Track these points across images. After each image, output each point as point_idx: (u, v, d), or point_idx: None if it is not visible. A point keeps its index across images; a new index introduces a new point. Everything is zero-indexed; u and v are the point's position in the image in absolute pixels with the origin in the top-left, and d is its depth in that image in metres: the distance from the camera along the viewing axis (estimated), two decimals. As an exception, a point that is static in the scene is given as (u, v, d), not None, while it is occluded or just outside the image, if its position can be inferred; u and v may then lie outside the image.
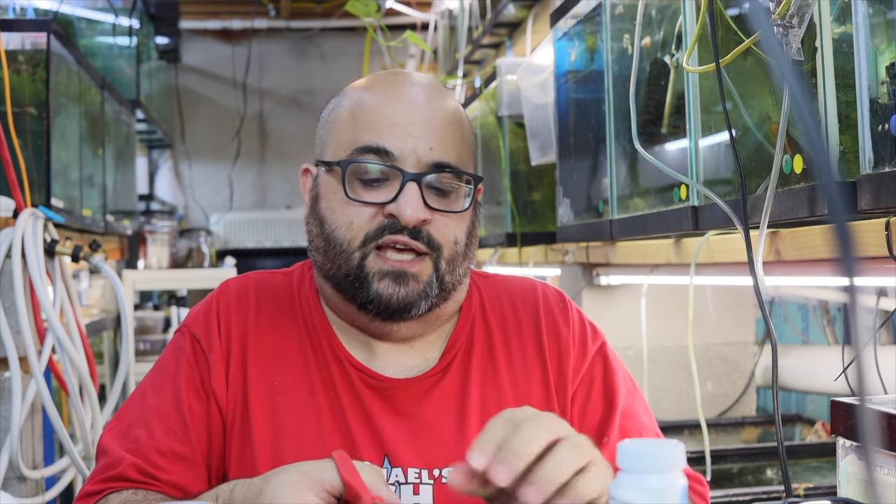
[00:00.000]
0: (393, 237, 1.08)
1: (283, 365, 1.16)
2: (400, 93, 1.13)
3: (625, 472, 0.72)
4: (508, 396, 1.17)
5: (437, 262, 1.10)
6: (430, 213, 1.09)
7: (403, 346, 1.18)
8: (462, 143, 1.14)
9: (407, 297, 1.09)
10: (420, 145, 1.09)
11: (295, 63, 6.21)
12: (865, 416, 0.51)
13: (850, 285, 0.46)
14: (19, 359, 1.94)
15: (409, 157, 1.09)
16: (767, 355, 2.38)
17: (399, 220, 1.07)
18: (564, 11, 2.01)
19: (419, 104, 1.12)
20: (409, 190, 1.08)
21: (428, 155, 1.09)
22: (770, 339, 1.17)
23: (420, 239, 1.09)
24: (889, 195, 0.93)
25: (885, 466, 1.01)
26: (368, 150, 1.09)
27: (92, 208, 2.87)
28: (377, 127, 1.10)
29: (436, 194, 1.10)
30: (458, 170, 1.11)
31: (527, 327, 1.21)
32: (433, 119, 1.11)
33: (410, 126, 1.10)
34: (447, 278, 1.12)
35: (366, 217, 1.09)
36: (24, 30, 2.25)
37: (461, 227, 1.13)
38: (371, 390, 1.14)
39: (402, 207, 1.07)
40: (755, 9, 0.54)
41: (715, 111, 1.33)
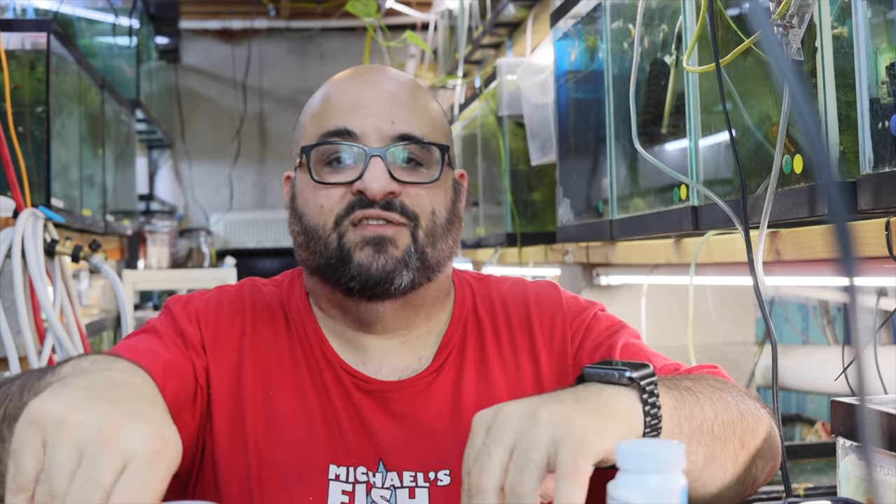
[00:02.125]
0: (363, 211, 1.08)
1: (277, 374, 1.15)
2: (362, 79, 1.15)
3: (625, 472, 0.72)
4: (502, 394, 1.16)
5: (415, 231, 1.10)
6: (400, 185, 1.09)
7: (395, 343, 1.17)
8: (427, 117, 1.14)
9: (387, 264, 1.08)
10: (381, 122, 1.10)
11: (295, 63, 6.21)
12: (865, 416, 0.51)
13: (850, 285, 0.46)
14: (19, 359, 1.94)
15: (371, 135, 1.09)
16: (767, 355, 2.38)
17: (367, 196, 1.07)
18: (564, 11, 2.01)
19: (382, 86, 1.13)
20: (373, 165, 1.08)
21: (390, 129, 1.10)
22: (770, 339, 1.17)
23: (393, 209, 1.08)
24: (889, 195, 0.93)
25: (885, 466, 1.01)
26: (332, 135, 1.10)
27: (92, 208, 2.87)
28: (339, 112, 1.11)
29: (404, 168, 1.11)
30: (422, 140, 1.11)
31: (517, 324, 1.21)
32: (394, 97, 1.12)
33: (371, 105, 1.11)
34: (428, 251, 1.11)
35: (335, 198, 1.09)
36: (24, 30, 2.25)
37: (438, 198, 1.12)
38: (364, 394, 1.13)
39: (367, 182, 1.07)
40: (755, 9, 0.54)
41: (715, 111, 1.33)
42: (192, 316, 1.16)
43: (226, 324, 1.17)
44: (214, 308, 1.18)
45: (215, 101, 6.14)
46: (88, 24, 3.81)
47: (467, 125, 3.23)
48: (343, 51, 6.19)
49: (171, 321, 1.16)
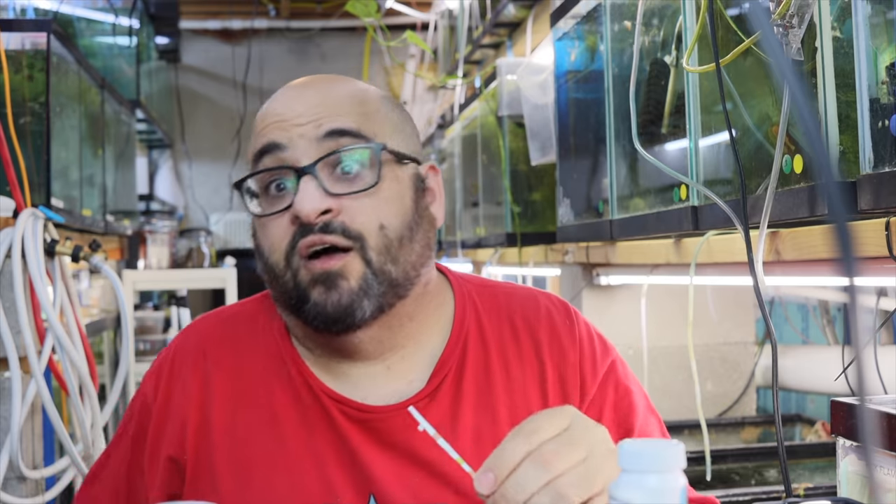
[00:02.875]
0: (304, 240, 0.98)
1: (249, 415, 1.07)
2: (284, 92, 1.06)
3: (625, 472, 0.72)
4: (505, 425, 1.06)
5: (365, 254, 0.99)
6: (336, 200, 0.98)
7: (379, 369, 1.07)
8: (364, 113, 1.03)
9: (342, 300, 0.98)
10: (307, 129, 1.00)
11: (295, 63, 6.21)
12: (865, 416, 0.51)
13: (850, 285, 0.46)
14: (19, 359, 1.94)
15: (298, 144, 1.00)
16: (767, 355, 2.38)
17: (302, 221, 0.98)
18: (564, 11, 2.01)
19: (307, 93, 1.04)
20: (303, 185, 0.98)
21: (316, 132, 1.00)
22: (770, 339, 1.17)
23: (333, 231, 0.98)
24: (889, 195, 0.93)
25: (885, 466, 1.01)
26: (261, 154, 1.02)
27: (92, 208, 2.87)
28: (264, 129, 1.03)
29: (342, 178, 1.00)
30: (357, 132, 1.01)
31: (528, 348, 1.11)
32: (320, 102, 1.02)
33: (297, 116, 1.01)
34: (389, 269, 1.00)
35: (281, 231, 1.00)
36: (24, 30, 2.25)
37: (385, 208, 1.00)
38: (353, 423, 1.04)
39: (297, 205, 0.97)
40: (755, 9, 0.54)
41: (715, 111, 1.33)
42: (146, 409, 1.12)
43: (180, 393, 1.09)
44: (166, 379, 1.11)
45: (215, 101, 6.15)
46: (88, 24, 3.81)
47: (467, 125, 3.23)
48: (343, 51, 6.19)
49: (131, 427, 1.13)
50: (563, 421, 0.83)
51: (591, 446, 0.82)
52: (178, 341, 1.15)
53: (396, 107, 1.10)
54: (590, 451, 0.82)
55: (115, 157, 3.44)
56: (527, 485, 0.80)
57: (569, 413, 0.85)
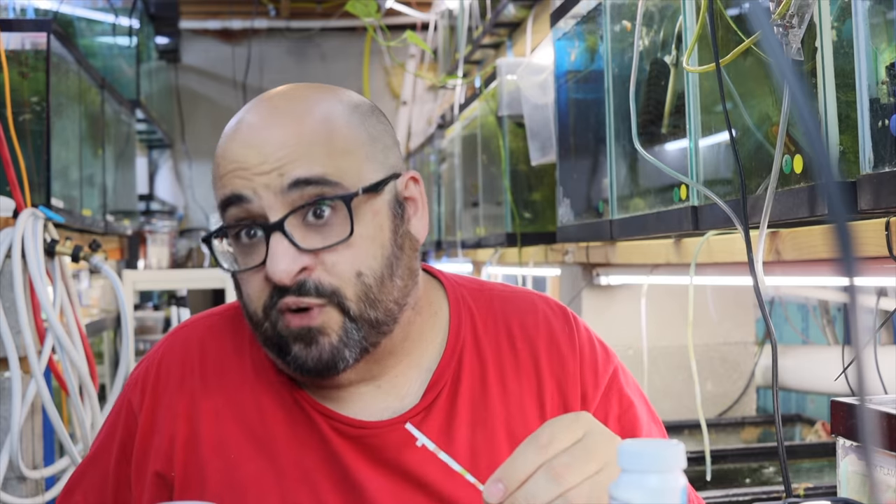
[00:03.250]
0: (282, 302, 0.94)
1: (238, 432, 1.03)
2: (239, 134, 0.97)
3: (625, 472, 0.72)
4: (502, 441, 1.03)
5: (342, 305, 0.95)
6: (309, 256, 0.93)
7: (370, 389, 1.04)
8: (331, 152, 0.95)
9: (321, 356, 0.95)
10: (271, 178, 0.93)
11: (295, 63, 6.21)
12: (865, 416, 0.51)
13: (850, 285, 0.46)
14: (19, 359, 1.94)
15: (263, 196, 0.93)
16: (767, 355, 2.38)
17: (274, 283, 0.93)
18: (564, 11, 2.01)
19: (260, 135, 0.95)
20: (273, 244, 0.93)
21: (281, 182, 0.93)
22: (770, 339, 1.17)
23: (306, 293, 0.93)
24: (889, 195, 0.93)
25: (885, 466, 1.01)
26: (226, 206, 0.96)
27: (92, 208, 2.87)
28: (224, 180, 0.96)
29: (314, 230, 0.94)
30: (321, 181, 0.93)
31: (525, 359, 1.07)
32: (280, 146, 0.94)
33: (256, 165, 0.94)
34: (368, 314, 0.96)
35: (257, 286, 0.96)
36: (24, 30, 2.25)
37: (362, 254, 0.95)
38: (346, 440, 1.01)
39: (269, 269, 0.93)
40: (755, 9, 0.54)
41: (715, 111, 1.33)
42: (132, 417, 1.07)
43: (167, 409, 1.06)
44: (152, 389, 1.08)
45: (215, 101, 6.15)
46: (88, 24, 3.81)
47: (467, 125, 3.23)
48: (343, 51, 6.19)
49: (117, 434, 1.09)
50: (578, 431, 0.81)
51: (605, 458, 0.80)
52: (163, 350, 1.11)
53: (369, 118, 1.01)
54: (604, 464, 0.80)
55: (115, 157, 3.44)
56: (537, 497, 0.78)
57: (585, 422, 0.82)
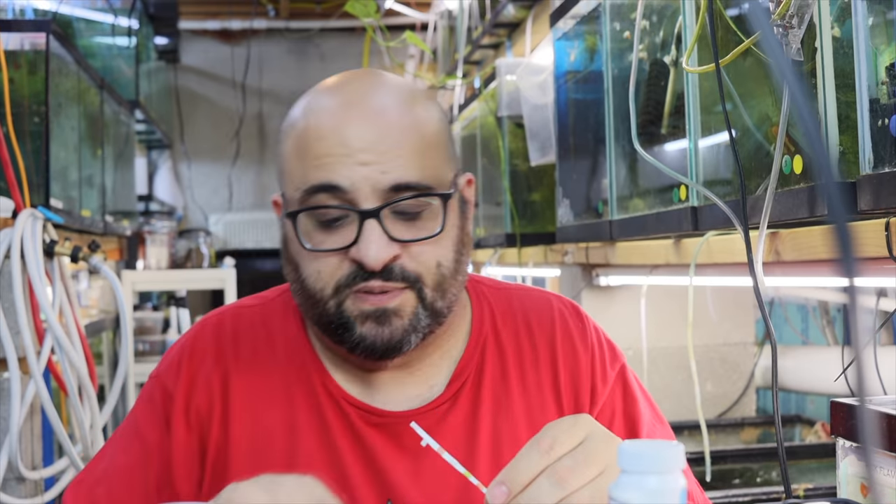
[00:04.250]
0: (365, 284, 0.98)
1: (269, 417, 1.06)
2: (341, 116, 1.00)
3: (625, 473, 0.72)
4: (522, 429, 1.08)
5: (421, 291, 1.00)
6: (400, 246, 0.98)
7: (402, 374, 1.08)
8: (425, 151, 1.00)
9: (392, 336, 0.99)
10: (372, 173, 0.97)
11: (294, 63, 6.21)
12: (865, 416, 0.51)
13: (849, 286, 0.46)
14: (18, 359, 1.94)
15: (361, 188, 0.97)
16: (767, 356, 2.38)
17: (364, 267, 0.97)
18: (564, 12, 2.01)
19: (365, 123, 0.99)
20: (367, 230, 0.96)
21: (383, 180, 0.97)
22: (770, 339, 1.17)
23: (394, 278, 0.98)
24: (889, 195, 0.92)
25: (885, 467, 1.01)
26: (318, 190, 0.98)
27: (91, 209, 2.87)
28: (322, 162, 0.98)
29: (403, 221, 0.99)
30: (421, 187, 0.98)
31: (543, 352, 1.12)
32: (383, 137, 0.98)
33: (358, 153, 0.97)
34: (438, 304, 1.01)
35: (332, 265, 0.99)
36: (23, 30, 2.25)
37: (443, 247, 1.01)
38: (373, 428, 1.06)
39: (363, 253, 0.96)
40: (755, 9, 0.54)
41: (715, 111, 1.33)
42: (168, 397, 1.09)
43: (206, 378, 1.08)
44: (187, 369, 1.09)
45: (214, 102, 6.14)
46: (87, 25, 3.81)
47: (467, 125, 3.23)
48: (342, 51, 6.19)
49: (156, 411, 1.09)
50: (579, 433, 0.83)
51: (606, 461, 0.81)
52: (195, 334, 1.13)
53: (444, 120, 1.07)
54: (605, 466, 0.81)
55: (114, 157, 3.44)
56: (540, 500, 0.79)
57: (586, 424, 0.84)
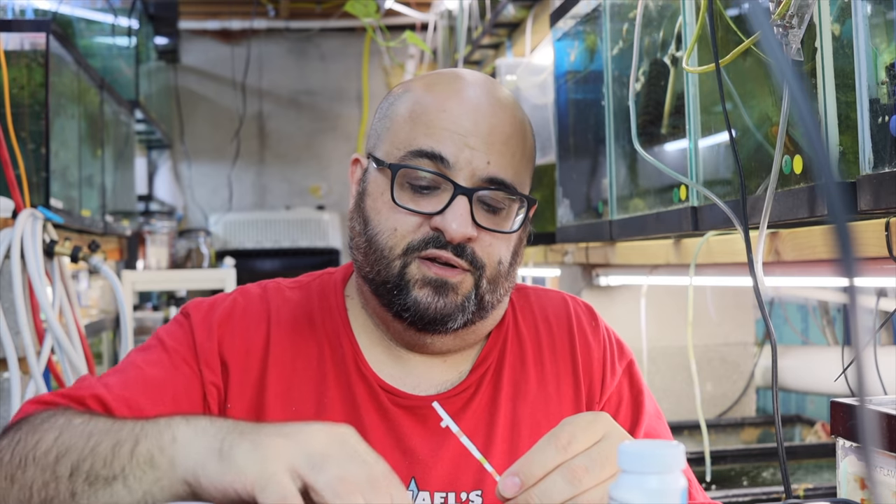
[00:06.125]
0: (436, 252, 1.03)
1: (302, 388, 1.10)
2: (463, 99, 1.07)
3: (625, 473, 0.72)
4: (540, 416, 1.13)
5: (479, 280, 1.06)
6: (477, 230, 1.04)
7: (436, 360, 1.14)
8: (522, 159, 1.09)
9: (445, 308, 1.04)
10: (477, 157, 1.04)
11: (294, 63, 6.21)
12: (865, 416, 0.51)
13: (849, 286, 0.46)
14: (18, 359, 1.94)
15: (463, 168, 1.04)
16: (767, 356, 2.38)
17: (444, 235, 1.03)
18: (564, 12, 2.01)
19: (483, 113, 1.06)
20: (458, 204, 1.03)
21: (484, 169, 1.04)
22: (770, 339, 1.17)
23: (464, 256, 1.04)
24: (889, 195, 0.92)
25: (885, 467, 1.01)
26: (423, 155, 1.04)
27: (91, 209, 2.87)
28: (435, 131, 1.05)
29: (485, 211, 1.06)
30: (514, 189, 1.07)
31: (560, 344, 1.18)
32: (494, 132, 1.06)
33: (470, 136, 1.04)
34: (487, 297, 1.07)
35: (411, 226, 1.04)
36: (23, 30, 2.25)
37: (507, 247, 1.08)
38: (402, 409, 1.10)
39: (448, 222, 1.02)
40: (755, 9, 0.54)
41: (715, 111, 1.33)
42: (211, 327, 1.10)
43: (248, 334, 1.11)
44: (239, 316, 1.12)
45: (214, 102, 6.14)
46: (87, 25, 3.81)
47: (467, 125, 3.22)
48: (342, 51, 6.19)
49: (185, 332, 1.11)
50: (597, 432, 0.84)
51: None
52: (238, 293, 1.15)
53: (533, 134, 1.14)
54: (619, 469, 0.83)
55: (114, 157, 3.44)
56: (552, 496, 0.80)
57: (604, 424, 0.85)
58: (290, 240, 5.67)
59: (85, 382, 1.06)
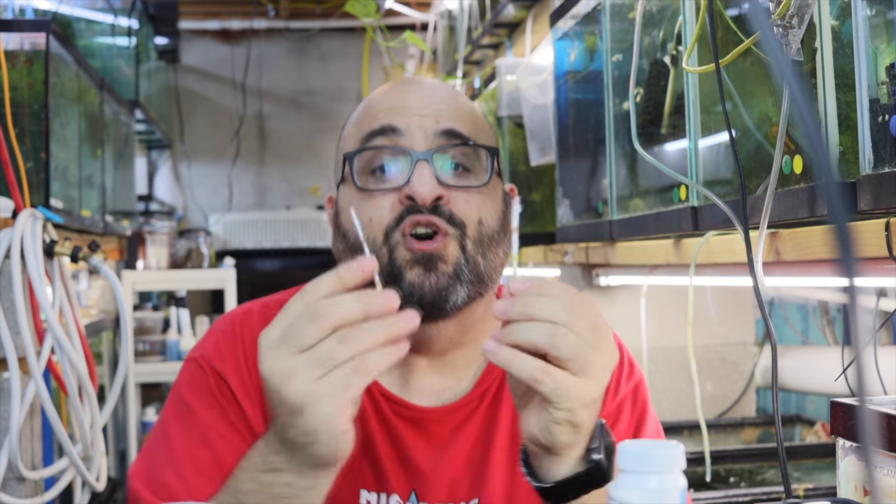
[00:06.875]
0: (414, 217, 1.03)
1: None
2: (404, 87, 1.12)
3: (624, 473, 0.72)
4: None
5: (462, 241, 1.05)
6: (447, 189, 1.05)
7: (437, 364, 1.13)
8: (474, 122, 1.10)
9: (438, 282, 1.03)
10: (426, 121, 1.06)
11: (294, 63, 6.21)
12: (865, 416, 0.51)
13: (849, 286, 0.46)
14: (18, 359, 1.94)
15: (416, 134, 1.06)
16: (767, 356, 2.38)
17: (415, 200, 1.03)
18: (564, 11, 2.01)
19: (424, 91, 1.10)
20: (419, 168, 1.04)
21: (435, 127, 1.06)
22: (770, 339, 1.17)
23: (440, 215, 1.04)
24: (889, 195, 0.92)
25: (885, 467, 1.01)
26: (374, 135, 1.07)
27: (91, 209, 2.87)
28: (381, 113, 1.08)
29: (451, 173, 1.07)
30: (469, 139, 1.07)
31: None
32: (439, 100, 1.09)
33: (415, 107, 1.08)
34: (479, 262, 1.05)
35: (385, 209, 1.05)
36: (23, 30, 2.25)
37: (486, 206, 1.07)
38: (404, 421, 1.10)
39: (415, 186, 1.03)
40: (755, 9, 0.54)
41: (715, 111, 1.33)
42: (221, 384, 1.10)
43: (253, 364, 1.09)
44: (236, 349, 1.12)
45: (214, 102, 6.14)
46: (87, 25, 3.81)
47: (467, 125, 3.22)
48: (343, 51, 6.19)
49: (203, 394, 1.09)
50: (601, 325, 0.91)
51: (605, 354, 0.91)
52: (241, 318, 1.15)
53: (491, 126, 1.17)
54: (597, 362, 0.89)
55: (114, 157, 3.44)
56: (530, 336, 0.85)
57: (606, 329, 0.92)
58: (290, 240, 5.67)
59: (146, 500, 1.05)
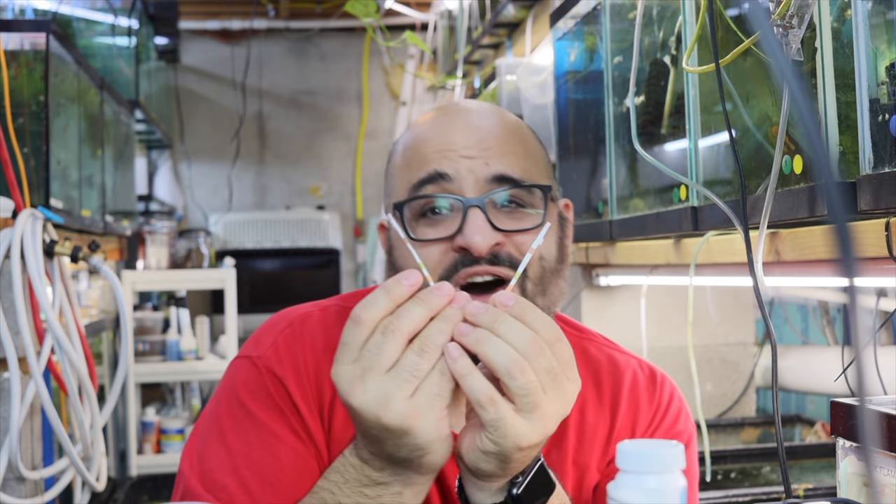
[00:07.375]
0: (470, 269, 1.00)
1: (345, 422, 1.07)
2: (451, 122, 1.07)
3: (624, 473, 0.72)
4: (568, 463, 1.11)
5: (524, 283, 1.01)
6: (504, 235, 1.01)
7: None
8: (525, 154, 1.06)
9: None
10: (476, 165, 1.02)
11: (294, 63, 6.21)
12: (865, 416, 0.51)
13: (849, 286, 0.46)
14: (18, 359, 1.94)
15: (466, 178, 1.02)
16: (767, 356, 2.38)
17: (471, 251, 0.99)
18: (564, 12, 2.01)
19: (471, 126, 1.06)
20: (472, 216, 1.00)
21: (485, 171, 1.02)
22: (770, 339, 1.17)
23: (500, 263, 1.00)
24: (889, 195, 0.92)
25: (885, 467, 1.01)
26: (424, 182, 1.03)
27: (91, 209, 2.87)
28: (428, 158, 1.04)
29: (506, 215, 1.03)
30: (521, 182, 1.03)
31: (606, 397, 1.15)
32: (487, 137, 1.05)
33: (462, 149, 1.03)
34: (539, 302, 1.02)
35: (436, 256, 1.01)
36: (23, 30, 2.25)
37: (546, 243, 1.03)
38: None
39: (468, 237, 0.99)
40: (755, 9, 0.54)
41: (715, 111, 1.33)
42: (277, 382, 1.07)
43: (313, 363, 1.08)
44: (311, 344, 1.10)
45: (214, 102, 6.14)
46: (87, 25, 3.81)
47: (467, 125, 3.22)
48: (342, 51, 6.19)
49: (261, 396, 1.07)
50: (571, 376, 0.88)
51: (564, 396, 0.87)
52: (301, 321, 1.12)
53: (538, 139, 1.13)
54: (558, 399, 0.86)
55: (114, 157, 3.44)
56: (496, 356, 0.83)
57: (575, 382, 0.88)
58: (290, 240, 5.67)
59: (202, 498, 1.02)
